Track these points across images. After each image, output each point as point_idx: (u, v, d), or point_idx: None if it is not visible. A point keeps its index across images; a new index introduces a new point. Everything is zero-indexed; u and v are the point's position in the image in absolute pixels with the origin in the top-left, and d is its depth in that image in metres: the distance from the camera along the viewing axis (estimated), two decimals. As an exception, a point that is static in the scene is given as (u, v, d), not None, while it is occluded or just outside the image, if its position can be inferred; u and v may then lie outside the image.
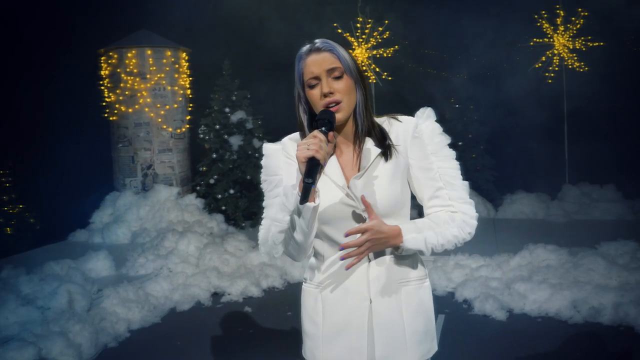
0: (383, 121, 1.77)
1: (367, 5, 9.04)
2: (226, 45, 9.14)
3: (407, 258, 1.75)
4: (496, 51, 8.95)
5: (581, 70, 8.42)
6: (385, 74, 8.96)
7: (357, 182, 1.69)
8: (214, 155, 8.58)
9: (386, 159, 1.71)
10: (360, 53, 9.02)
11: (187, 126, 8.92)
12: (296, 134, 1.82)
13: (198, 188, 8.64)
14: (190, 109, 9.00)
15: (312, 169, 1.52)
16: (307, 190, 1.53)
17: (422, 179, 1.72)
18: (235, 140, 8.56)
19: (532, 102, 8.86)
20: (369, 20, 8.87)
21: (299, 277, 6.15)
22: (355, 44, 9.03)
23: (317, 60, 1.66)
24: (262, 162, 1.83)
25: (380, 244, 1.62)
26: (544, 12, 8.64)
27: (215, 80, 8.78)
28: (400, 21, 8.67)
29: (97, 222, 8.14)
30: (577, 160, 9.28)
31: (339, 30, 8.91)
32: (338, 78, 1.66)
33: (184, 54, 8.84)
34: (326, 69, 1.65)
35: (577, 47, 8.42)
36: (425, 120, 1.76)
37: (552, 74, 8.65)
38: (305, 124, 1.75)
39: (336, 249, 1.71)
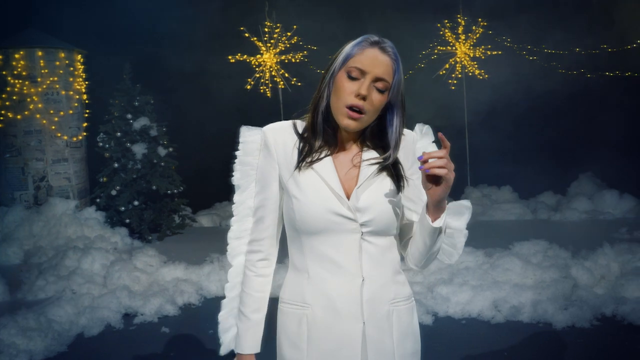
0: None
1: (273, 10, 8.90)
2: (126, 47, 8.59)
3: (400, 275, 1.61)
4: (406, 59, 9.12)
5: (481, 77, 8.80)
6: (295, 79, 8.85)
7: (359, 194, 1.52)
8: (116, 165, 8.02)
9: (390, 172, 1.56)
10: (269, 58, 8.86)
11: (84, 134, 8.27)
12: (280, 123, 1.61)
13: (98, 200, 8.03)
14: (87, 115, 8.36)
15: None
16: None
17: (411, 205, 1.62)
18: (139, 149, 8.05)
19: (436, 107, 9.15)
20: (278, 25, 8.73)
21: (216, 291, 5.85)
22: (263, 48, 8.85)
23: (376, 59, 1.46)
24: (240, 149, 1.65)
25: (449, 180, 1.41)
26: (446, 21, 8.95)
27: (114, 84, 8.21)
28: (310, 27, 8.60)
29: (-19, 241, 7.31)
30: (477, 163, 9.72)
31: (246, 35, 8.69)
32: (379, 91, 1.48)
33: (79, 56, 8.20)
34: (377, 75, 1.46)
35: (477, 55, 8.79)
36: (422, 139, 1.65)
37: (455, 81, 8.97)
38: (320, 107, 1.53)
39: (325, 264, 1.52)
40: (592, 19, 8.18)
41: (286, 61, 8.88)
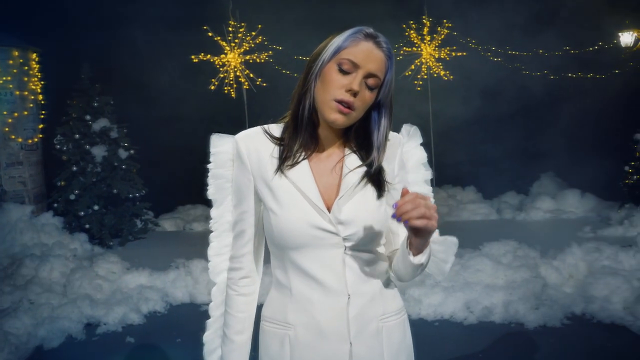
0: None
1: (237, 9, 8.73)
2: (84, 46, 8.27)
3: (388, 288, 1.50)
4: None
5: (446, 78, 8.83)
6: (260, 80, 8.71)
7: (342, 207, 1.40)
8: (74, 168, 7.70)
9: (374, 179, 1.44)
10: (233, 58, 8.68)
11: (40, 136, 7.93)
12: (252, 130, 1.48)
13: (55, 205, 7.70)
14: (43, 116, 8.02)
15: None
16: None
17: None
18: (99, 151, 7.76)
19: (401, 108, 9.16)
20: (242, 24, 8.56)
21: (182, 298, 5.69)
22: (228, 48, 8.67)
23: (370, 54, 1.34)
24: (212, 161, 1.53)
25: (432, 228, 1.26)
26: (412, 22, 8.97)
27: (72, 85, 7.90)
28: (275, 27, 8.47)
29: None
30: (441, 163, 9.77)
31: (210, 34, 8.50)
32: (370, 88, 1.36)
33: (33, 55, 7.86)
34: (370, 70, 1.34)
35: (443, 57, 8.82)
36: (409, 141, 1.55)
37: (421, 82, 8.99)
38: (306, 100, 1.40)
39: (307, 281, 1.41)
40: (555, 21, 8.31)
41: (250, 61, 8.72)
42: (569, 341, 4.40)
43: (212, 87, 8.58)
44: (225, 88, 8.69)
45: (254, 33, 8.57)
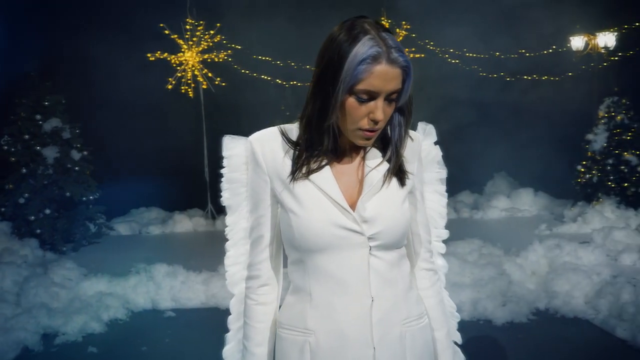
0: None
1: (194, 7, 8.55)
2: (34, 42, 7.90)
3: (411, 291, 1.45)
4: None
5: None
6: (219, 79, 8.55)
7: (366, 205, 1.35)
8: (24, 170, 7.34)
9: (397, 178, 1.40)
10: (191, 57, 8.49)
11: (-15, 136, 7.53)
12: (267, 131, 1.41)
13: (3, 209, 7.31)
14: (-12, 116, 7.62)
15: None
16: None
17: (415, 211, 1.47)
18: (50, 152, 7.42)
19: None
20: (200, 22, 8.38)
21: (144, 304, 5.49)
22: (185, 47, 8.48)
23: (387, 75, 1.23)
24: (226, 165, 1.47)
25: None
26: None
27: (20, 83, 7.53)
28: (234, 25, 8.34)
29: None
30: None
31: (166, 32, 8.29)
32: (391, 101, 1.28)
33: (-22, 51, 7.45)
34: (389, 91, 1.25)
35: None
36: (426, 139, 1.51)
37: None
38: (324, 125, 1.30)
39: (329, 284, 1.34)
40: (511, 24, 8.53)
41: (209, 60, 8.55)
42: (536, 336, 4.50)
43: (169, 87, 8.36)
44: (183, 87, 8.49)
45: (212, 32, 8.41)
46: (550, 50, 8.98)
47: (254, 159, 1.39)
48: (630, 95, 7.84)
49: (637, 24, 8.24)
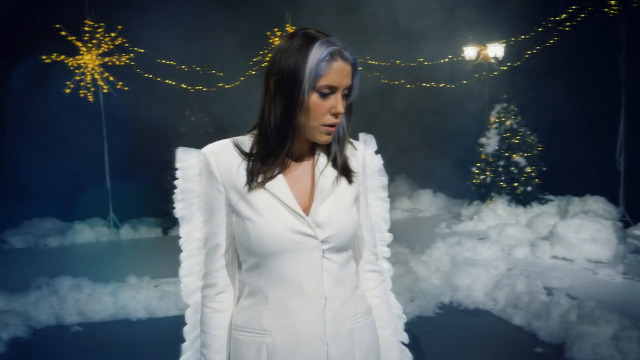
0: None
1: (92, 8, 8.20)
2: None
3: (357, 290, 1.53)
4: (236, 66, 9.14)
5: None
6: (121, 83, 8.25)
7: (318, 210, 1.42)
8: None
9: (345, 179, 1.48)
10: (90, 60, 8.13)
11: None
12: (221, 143, 1.45)
13: None
14: None
15: None
16: None
17: (360, 216, 1.56)
18: None
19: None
20: (100, 24, 8.06)
21: (47, 320, 5.20)
22: (84, 49, 8.11)
23: (343, 71, 1.36)
24: (180, 176, 1.49)
25: None
26: (276, 29, 9.10)
27: None
28: (137, 28, 8.09)
29: None
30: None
31: (63, 33, 7.89)
32: (345, 97, 1.40)
33: None
34: (345, 85, 1.37)
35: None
36: (367, 149, 1.60)
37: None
38: (288, 127, 1.39)
39: (285, 286, 1.41)
40: (412, 34, 8.93)
41: (110, 64, 8.23)
42: (442, 328, 4.79)
43: (68, 91, 7.96)
44: (82, 92, 8.11)
45: (113, 34, 8.11)
46: (447, 60, 9.54)
47: (209, 170, 1.43)
48: (518, 102, 8.50)
49: (522, 37, 8.94)
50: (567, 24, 8.16)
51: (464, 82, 9.58)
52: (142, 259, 6.74)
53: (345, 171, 1.50)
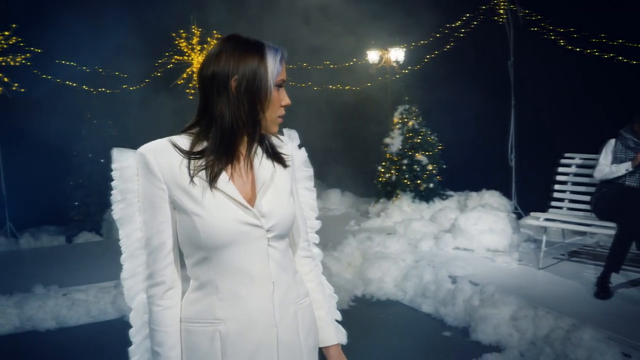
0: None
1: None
2: None
3: (297, 274, 1.64)
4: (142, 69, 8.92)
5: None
6: (17, 84, 7.80)
7: (262, 201, 1.51)
8: None
9: (280, 166, 1.60)
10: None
11: None
12: (158, 142, 1.48)
13: None
14: None
15: None
16: None
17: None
18: None
19: (173, 116, 9.12)
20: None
21: None
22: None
23: (285, 68, 1.53)
24: (117, 177, 1.51)
25: None
26: (182, 31, 9.00)
27: None
28: (33, 27, 7.68)
29: None
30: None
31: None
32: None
33: None
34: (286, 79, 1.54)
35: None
36: (292, 143, 1.72)
37: (193, 91, 9.06)
38: (247, 123, 1.49)
39: (235, 276, 1.48)
40: (320, 38, 9.14)
41: (4, 64, 7.74)
42: (357, 320, 4.99)
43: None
44: (-28, 93, 7.59)
45: (7, 32, 7.65)
46: (352, 63, 9.87)
47: (148, 169, 1.46)
48: (419, 104, 8.95)
49: (421, 42, 9.43)
50: (462, 30, 8.72)
51: (369, 84, 9.94)
52: (47, 268, 6.42)
53: (279, 159, 1.61)
